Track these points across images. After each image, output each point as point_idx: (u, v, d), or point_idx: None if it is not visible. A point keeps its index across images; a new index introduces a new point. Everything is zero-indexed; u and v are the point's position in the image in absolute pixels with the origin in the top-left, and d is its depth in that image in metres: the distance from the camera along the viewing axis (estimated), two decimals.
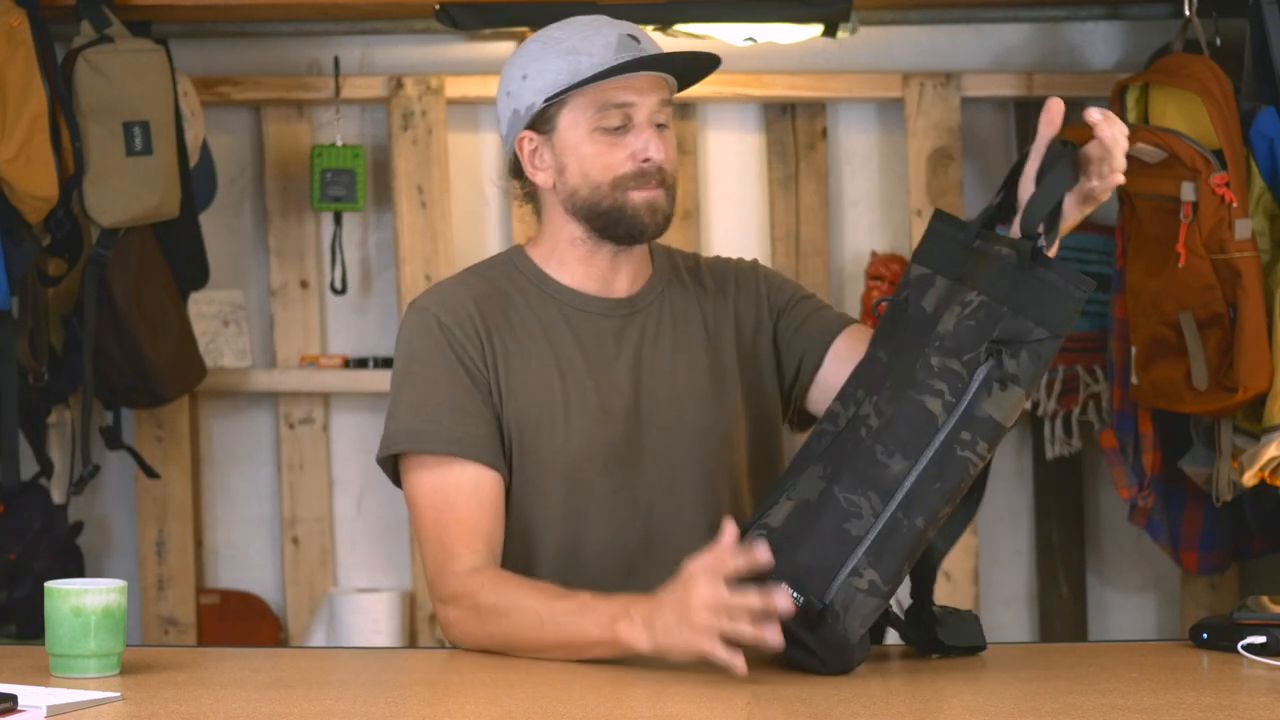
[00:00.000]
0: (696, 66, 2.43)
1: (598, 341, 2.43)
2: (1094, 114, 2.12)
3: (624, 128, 2.38)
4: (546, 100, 2.38)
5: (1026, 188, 2.17)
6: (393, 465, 2.40)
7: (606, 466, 2.38)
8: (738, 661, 2.02)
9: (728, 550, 2.06)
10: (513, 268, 2.48)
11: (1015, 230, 2.17)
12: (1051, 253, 2.10)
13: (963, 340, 2.09)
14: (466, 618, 2.28)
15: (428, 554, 2.35)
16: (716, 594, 2.04)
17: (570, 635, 2.18)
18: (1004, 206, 2.23)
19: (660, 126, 2.39)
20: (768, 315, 2.51)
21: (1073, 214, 2.17)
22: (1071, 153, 2.13)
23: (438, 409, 2.35)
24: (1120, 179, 2.14)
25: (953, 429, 2.07)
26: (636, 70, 2.36)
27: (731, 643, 2.04)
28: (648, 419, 2.41)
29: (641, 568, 2.35)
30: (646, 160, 2.37)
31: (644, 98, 2.38)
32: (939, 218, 2.26)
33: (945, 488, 2.07)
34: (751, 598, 2.03)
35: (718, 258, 2.60)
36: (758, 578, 2.09)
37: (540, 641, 2.20)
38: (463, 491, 2.33)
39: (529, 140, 2.42)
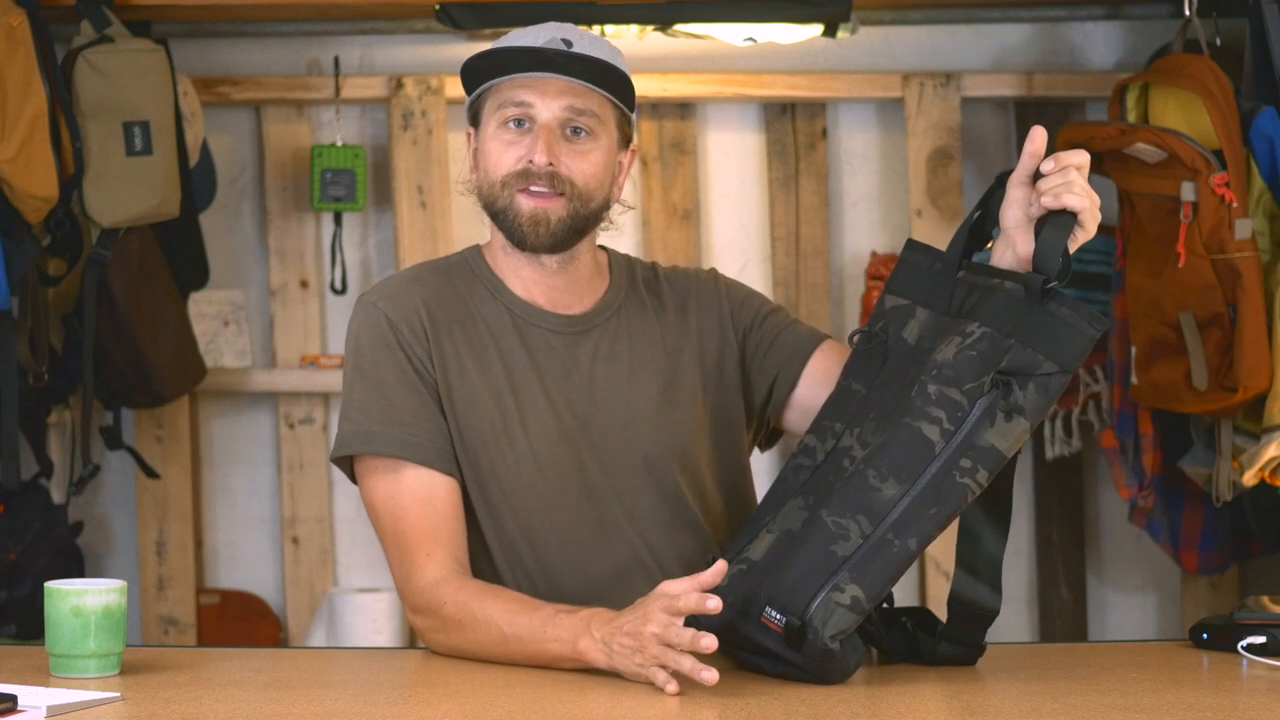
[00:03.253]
0: (603, 79, 2.33)
1: (551, 358, 2.37)
2: (1046, 201, 2.11)
3: (527, 128, 2.33)
4: (470, 96, 2.37)
5: (1010, 214, 2.17)
6: (349, 463, 2.37)
7: (565, 489, 2.34)
8: (671, 687, 2.01)
9: (701, 583, 2.04)
10: (469, 270, 2.43)
11: (998, 259, 2.17)
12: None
13: (963, 370, 2.08)
14: (435, 628, 2.28)
15: (391, 562, 2.34)
16: (666, 631, 2.03)
17: (534, 650, 2.17)
18: (975, 234, 2.22)
19: (576, 132, 2.33)
20: (733, 333, 2.46)
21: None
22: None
23: (388, 410, 2.32)
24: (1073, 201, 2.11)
25: (951, 456, 2.06)
26: (536, 69, 2.30)
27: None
28: (601, 440, 2.36)
29: (604, 594, 2.30)
30: (531, 162, 2.31)
31: (546, 100, 2.32)
32: (911, 248, 2.26)
33: (942, 513, 2.07)
34: (691, 638, 2.01)
35: (676, 268, 2.54)
36: (741, 608, 2.09)
37: (505, 654, 2.20)
38: (417, 499, 2.31)
39: (470, 138, 2.41)
